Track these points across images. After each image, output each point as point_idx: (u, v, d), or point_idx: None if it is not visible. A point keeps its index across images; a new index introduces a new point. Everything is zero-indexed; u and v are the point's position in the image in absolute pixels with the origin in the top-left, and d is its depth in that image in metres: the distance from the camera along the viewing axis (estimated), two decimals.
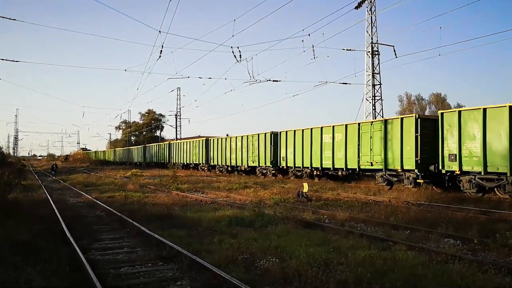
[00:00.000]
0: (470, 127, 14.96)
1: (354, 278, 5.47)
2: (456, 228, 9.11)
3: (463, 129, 15.18)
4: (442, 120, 16.03)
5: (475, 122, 14.75)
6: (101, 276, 5.88)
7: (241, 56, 21.23)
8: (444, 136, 15.91)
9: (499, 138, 13.97)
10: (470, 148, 14.92)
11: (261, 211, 11.72)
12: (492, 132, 14.22)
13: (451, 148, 15.58)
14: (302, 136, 24.04)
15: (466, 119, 15.14)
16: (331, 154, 21.62)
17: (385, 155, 18.33)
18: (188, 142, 42.68)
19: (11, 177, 23.22)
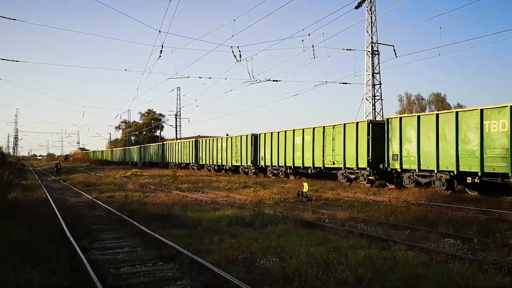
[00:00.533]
0: (408, 131, 17.25)
1: (354, 278, 5.48)
2: (456, 228, 9.12)
3: (403, 133, 17.45)
4: (387, 125, 18.29)
5: (412, 127, 17.07)
6: (101, 276, 5.88)
7: (241, 56, 21.28)
8: (389, 139, 18.16)
9: (429, 141, 16.25)
10: (408, 150, 17.27)
11: (261, 211, 11.72)
12: (424, 136, 16.50)
13: (394, 149, 17.90)
14: (278, 138, 26.07)
15: (405, 124, 17.43)
16: (301, 154, 23.56)
17: (344, 155, 20.39)
18: (179, 142, 44.45)
19: (11, 177, 23.26)
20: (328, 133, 21.51)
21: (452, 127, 15.44)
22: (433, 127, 16.10)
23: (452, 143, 15.40)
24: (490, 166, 14.14)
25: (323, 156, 21.70)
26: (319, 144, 22.13)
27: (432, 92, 66.64)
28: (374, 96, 30.32)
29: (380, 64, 30.29)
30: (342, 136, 20.49)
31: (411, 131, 17.09)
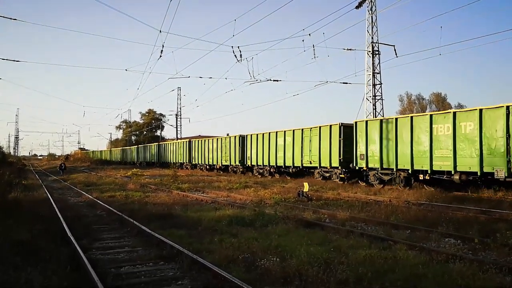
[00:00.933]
0: (373, 133, 18.99)
1: (355, 278, 5.48)
2: (456, 228, 9.11)
3: (369, 135, 19.18)
4: (356, 128, 20.04)
5: (376, 130, 18.78)
6: (102, 276, 5.89)
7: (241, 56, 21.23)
8: (357, 140, 19.88)
9: (390, 142, 18.06)
10: (373, 150, 18.92)
11: (261, 210, 11.72)
12: (386, 138, 18.31)
13: (361, 150, 19.58)
14: (262, 139, 27.92)
15: (371, 127, 19.18)
16: (283, 154, 25.48)
17: (319, 155, 22.15)
18: (173, 143, 46.20)
19: (11, 176, 23.28)
20: (306, 135, 23.20)
21: (408, 130, 17.11)
22: (393, 130, 17.84)
23: (408, 144, 17.05)
24: (437, 164, 15.86)
25: (302, 156, 23.48)
26: (298, 145, 23.86)
27: (433, 92, 66.59)
28: (374, 96, 30.31)
29: (380, 64, 30.30)
30: (318, 138, 22.18)
31: (375, 133, 18.77)
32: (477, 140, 14.45)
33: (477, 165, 14.38)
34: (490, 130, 14.19)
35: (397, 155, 17.55)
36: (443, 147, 15.63)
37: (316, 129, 22.42)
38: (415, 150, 16.75)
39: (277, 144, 26.05)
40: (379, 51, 30.11)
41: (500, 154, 13.81)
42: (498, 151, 13.91)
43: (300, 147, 23.58)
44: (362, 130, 19.51)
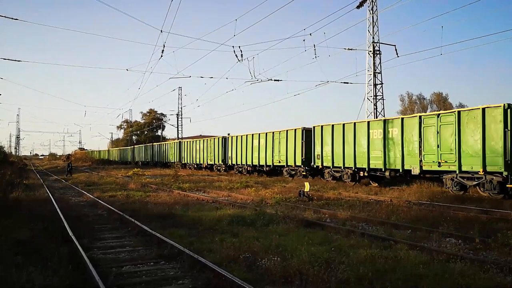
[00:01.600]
0: (327, 136, 21.86)
1: (356, 277, 5.48)
2: (457, 228, 9.11)
3: (324, 138, 22.08)
4: (314, 131, 22.99)
5: (329, 134, 21.71)
6: (103, 275, 5.90)
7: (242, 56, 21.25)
8: (314, 142, 22.78)
9: (339, 144, 20.93)
10: (327, 151, 21.80)
11: (262, 210, 11.72)
12: (336, 140, 21.29)
13: (318, 151, 22.46)
14: (241, 140, 30.86)
15: (325, 131, 22.06)
16: (258, 154, 28.65)
17: (286, 155, 25.35)
18: (166, 144, 48.91)
19: (13, 176, 23.31)
20: (276, 137, 26.50)
21: (352, 134, 19.99)
22: (341, 134, 20.64)
23: (352, 146, 19.95)
24: (373, 163, 18.88)
25: (273, 156, 26.81)
26: (270, 146, 27.12)
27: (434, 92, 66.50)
28: (375, 95, 30.28)
29: (381, 64, 30.23)
30: (285, 140, 25.40)
31: (328, 137, 21.68)
32: (400, 143, 17.53)
33: (400, 163, 17.48)
34: (409, 135, 17.23)
35: (344, 155, 20.42)
36: (377, 149, 18.64)
37: (284, 132, 25.66)
38: (357, 151, 19.70)
39: (252, 145, 29.20)
40: (380, 51, 30.09)
41: (415, 154, 16.87)
42: (414, 152, 16.94)
43: (271, 148, 26.81)
44: (318, 134, 22.33)
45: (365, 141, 19.17)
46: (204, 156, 36.99)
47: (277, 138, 26.29)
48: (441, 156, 15.80)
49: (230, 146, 32.37)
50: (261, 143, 27.97)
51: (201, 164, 37.89)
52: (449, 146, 15.52)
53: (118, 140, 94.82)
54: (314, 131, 22.85)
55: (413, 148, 16.94)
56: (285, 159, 25.41)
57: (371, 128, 19.04)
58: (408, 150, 17.15)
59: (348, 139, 20.23)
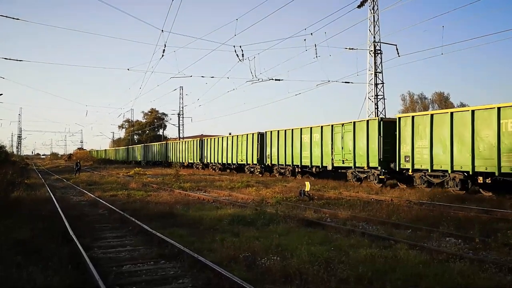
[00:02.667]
0: (281, 140, 26.18)
1: (355, 277, 5.49)
2: (457, 227, 9.11)
3: (272, 141, 27.11)
4: (265, 135, 28.16)
5: (275, 138, 26.63)
6: (104, 274, 5.92)
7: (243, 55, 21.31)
8: (266, 145, 27.98)
9: (282, 147, 25.90)
10: (280, 152, 26.19)
11: (262, 209, 11.73)
12: (280, 144, 26.19)
13: (268, 152, 27.65)
14: (214, 142, 35.77)
15: (273, 135, 27.00)
16: (226, 154, 32.81)
17: (246, 155, 29.97)
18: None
19: (14, 175, 23.35)
20: (240, 140, 29.91)
21: (290, 138, 25.19)
22: (283, 138, 25.83)
23: (290, 148, 25.23)
24: (304, 161, 24.05)
25: (237, 156, 30.33)
26: (235, 147, 30.95)
27: (435, 91, 66.46)
28: (376, 95, 30.25)
29: (382, 63, 30.23)
30: (245, 142, 30.24)
31: (275, 140, 26.88)
32: (320, 146, 22.32)
33: (320, 161, 22.39)
34: (326, 139, 22.06)
35: (286, 156, 25.62)
36: (306, 150, 23.56)
37: (245, 136, 29.91)
38: (294, 152, 24.77)
39: (223, 146, 32.66)
40: (381, 51, 30.06)
41: (328, 154, 21.77)
42: (328, 153, 21.83)
43: (236, 149, 29.76)
44: (269, 138, 27.27)
45: (299, 144, 24.27)
46: (185, 156, 41.16)
47: (240, 141, 30.60)
48: (344, 156, 20.85)
49: (205, 147, 36.37)
50: (229, 145, 32.25)
51: (183, 163, 41.28)
52: (349, 148, 20.50)
53: (119, 139, 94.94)
54: (266, 135, 27.82)
55: (328, 150, 21.83)
56: (245, 158, 29.98)
57: (303, 133, 23.92)
58: (325, 151, 22.07)
59: (287, 143, 25.29)
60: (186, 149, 42.13)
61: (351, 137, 20.36)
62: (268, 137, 27.52)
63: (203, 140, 37.02)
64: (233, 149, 31.75)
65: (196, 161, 39.15)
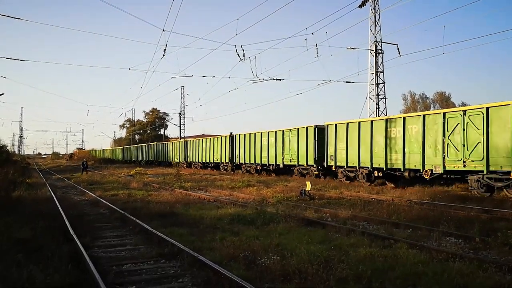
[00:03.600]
0: (247, 142, 29.95)
1: (354, 276, 5.49)
2: (457, 227, 9.11)
3: (244, 142, 30.58)
4: (234, 137, 32.04)
5: (247, 140, 29.91)
6: (104, 273, 5.93)
7: (244, 55, 21.25)
8: (234, 146, 31.76)
9: (253, 148, 29.25)
10: (246, 152, 29.91)
11: (263, 209, 11.75)
12: (250, 145, 29.63)
13: (237, 152, 31.36)
14: (197, 143, 39.87)
15: (241, 139, 30.87)
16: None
17: (220, 155, 34.16)
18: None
19: (15, 175, 23.40)
20: (216, 142, 30.99)
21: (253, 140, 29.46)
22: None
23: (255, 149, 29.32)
24: (263, 160, 28.38)
25: (214, 155, 31.15)
26: (213, 148, 31.84)
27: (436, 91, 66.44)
28: (378, 95, 30.24)
29: (383, 63, 30.23)
30: (221, 143, 32.34)
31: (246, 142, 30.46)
32: (274, 147, 26.69)
33: (274, 160, 26.83)
34: (279, 142, 26.01)
35: (250, 156, 29.59)
36: (265, 151, 27.88)
37: (220, 138, 30.08)
38: (257, 153, 28.98)
39: (203, 147, 32.84)
40: (382, 50, 30.04)
41: (280, 154, 26.16)
42: (280, 153, 26.25)
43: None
44: (237, 140, 30.05)
45: (259, 146, 28.44)
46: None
47: (218, 142, 30.96)
48: (291, 156, 25.12)
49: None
50: (208, 146, 32.97)
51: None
52: (294, 150, 24.79)
53: (120, 139, 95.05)
54: (235, 138, 30.11)
55: (280, 151, 26.47)
56: (220, 157, 31.22)
57: (263, 137, 28.24)
58: (278, 152, 26.56)
59: (251, 145, 28.82)
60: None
61: (295, 140, 24.91)
62: (237, 139, 31.66)
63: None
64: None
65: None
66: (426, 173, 16.37)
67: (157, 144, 55.09)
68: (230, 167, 33.30)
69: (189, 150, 42.45)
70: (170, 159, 46.81)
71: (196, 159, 40.37)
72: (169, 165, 45.45)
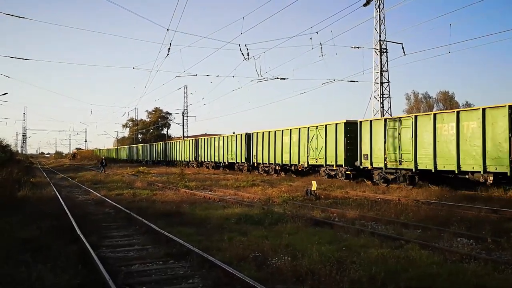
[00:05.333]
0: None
1: (368, 277, 5.40)
2: (468, 227, 8.99)
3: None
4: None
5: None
6: (113, 273, 5.86)
7: (248, 54, 21.17)
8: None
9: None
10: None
11: (270, 209, 11.67)
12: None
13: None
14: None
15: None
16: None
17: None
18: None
19: (20, 174, 23.39)
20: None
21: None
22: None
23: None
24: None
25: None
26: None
27: (440, 91, 66.09)
28: (382, 94, 30.11)
29: (388, 62, 30.09)
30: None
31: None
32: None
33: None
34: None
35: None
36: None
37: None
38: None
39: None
40: (386, 49, 29.92)
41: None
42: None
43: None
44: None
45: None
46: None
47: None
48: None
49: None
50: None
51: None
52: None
53: (123, 138, 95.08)
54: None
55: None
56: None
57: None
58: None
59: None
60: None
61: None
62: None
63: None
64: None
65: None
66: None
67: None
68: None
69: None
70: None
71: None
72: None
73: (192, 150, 42.53)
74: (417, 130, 16.97)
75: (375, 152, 19.07)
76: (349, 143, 20.48)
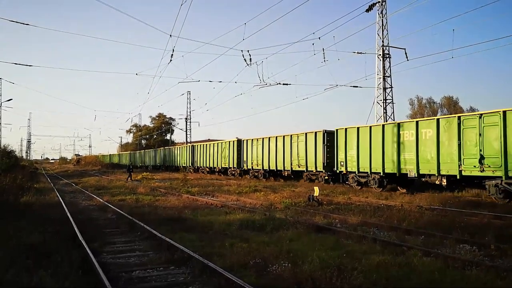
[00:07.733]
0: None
1: (369, 284, 5.37)
2: (471, 233, 8.93)
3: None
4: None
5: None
6: (113, 280, 5.86)
7: (251, 60, 21.29)
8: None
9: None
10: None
11: (272, 215, 11.65)
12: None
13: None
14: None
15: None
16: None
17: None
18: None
19: (24, 180, 23.45)
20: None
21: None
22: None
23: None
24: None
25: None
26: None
27: (444, 96, 65.88)
28: (385, 99, 30.04)
29: (391, 67, 30.00)
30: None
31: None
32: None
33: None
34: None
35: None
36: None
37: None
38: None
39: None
40: (389, 55, 29.84)
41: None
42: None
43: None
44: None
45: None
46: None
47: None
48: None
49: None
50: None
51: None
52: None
53: (127, 144, 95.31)
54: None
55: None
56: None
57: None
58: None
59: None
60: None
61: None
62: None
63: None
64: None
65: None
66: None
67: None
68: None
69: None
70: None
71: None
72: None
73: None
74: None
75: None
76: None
